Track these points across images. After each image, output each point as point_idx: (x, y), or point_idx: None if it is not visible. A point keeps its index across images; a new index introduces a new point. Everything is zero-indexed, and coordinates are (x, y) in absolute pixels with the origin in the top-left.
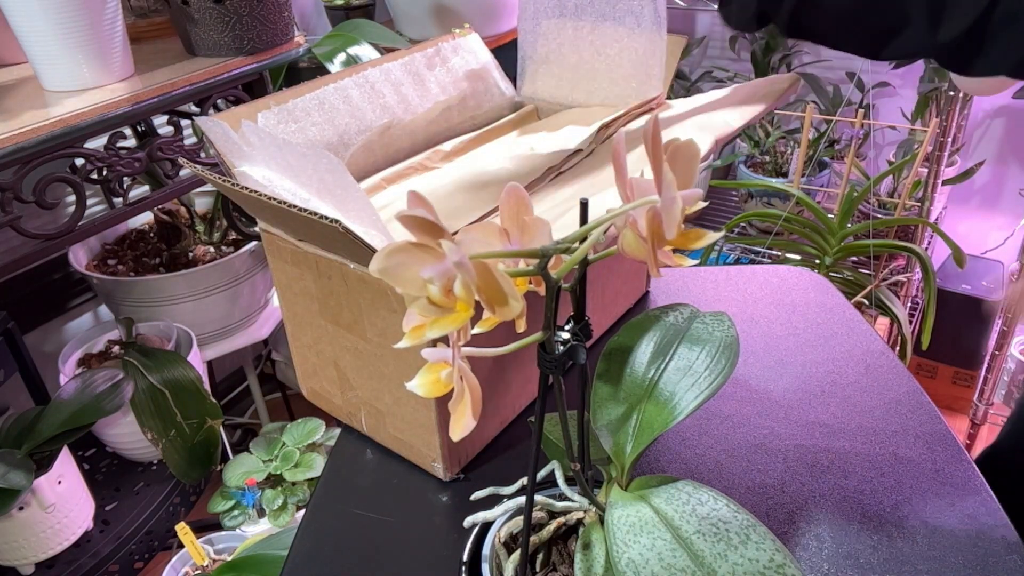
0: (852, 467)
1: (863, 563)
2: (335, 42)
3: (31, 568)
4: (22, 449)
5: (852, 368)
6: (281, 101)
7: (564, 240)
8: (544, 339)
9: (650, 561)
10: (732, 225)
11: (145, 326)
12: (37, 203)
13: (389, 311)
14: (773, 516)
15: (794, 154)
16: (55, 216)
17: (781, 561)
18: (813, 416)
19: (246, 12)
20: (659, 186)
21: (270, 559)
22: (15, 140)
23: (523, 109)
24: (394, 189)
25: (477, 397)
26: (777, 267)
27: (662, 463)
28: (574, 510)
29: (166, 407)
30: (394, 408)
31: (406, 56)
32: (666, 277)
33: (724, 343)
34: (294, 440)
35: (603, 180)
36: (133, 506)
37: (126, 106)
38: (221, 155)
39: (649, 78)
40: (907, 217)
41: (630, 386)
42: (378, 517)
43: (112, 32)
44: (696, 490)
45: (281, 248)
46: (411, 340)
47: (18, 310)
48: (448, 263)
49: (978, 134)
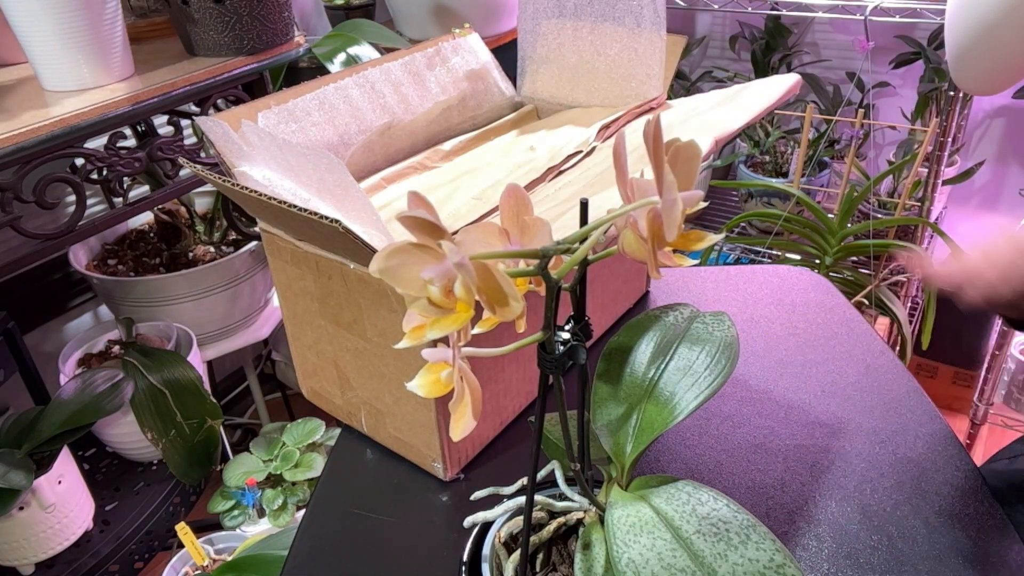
0: (852, 467)
1: (863, 563)
2: (335, 42)
3: (31, 568)
4: (22, 449)
5: (852, 368)
6: (281, 101)
7: (564, 240)
8: (544, 339)
9: (650, 561)
10: (732, 225)
11: (145, 326)
12: (37, 203)
13: (389, 311)
14: (773, 516)
15: (794, 154)
16: (55, 216)
17: (781, 561)
18: (813, 416)
19: (246, 12)
20: (660, 187)
21: (270, 559)
22: (15, 140)
23: (523, 109)
24: (394, 189)
25: (477, 397)
26: (777, 267)
27: (662, 463)
28: (574, 510)
29: (166, 407)
30: (394, 408)
31: (406, 56)
32: (666, 277)
33: (724, 343)
34: (294, 440)
35: (603, 180)
36: (133, 506)
37: (126, 106)
38: (221, 155)
39: (649, 78)
40: (907, 217)
41: (630, 386)
42: (378, 517)
43: (112, 32)
44: (696, 490)
45: (281, 248)
46: (411, 340)
47: (18, 310)
48: (448, 263)
49: (978, 134)
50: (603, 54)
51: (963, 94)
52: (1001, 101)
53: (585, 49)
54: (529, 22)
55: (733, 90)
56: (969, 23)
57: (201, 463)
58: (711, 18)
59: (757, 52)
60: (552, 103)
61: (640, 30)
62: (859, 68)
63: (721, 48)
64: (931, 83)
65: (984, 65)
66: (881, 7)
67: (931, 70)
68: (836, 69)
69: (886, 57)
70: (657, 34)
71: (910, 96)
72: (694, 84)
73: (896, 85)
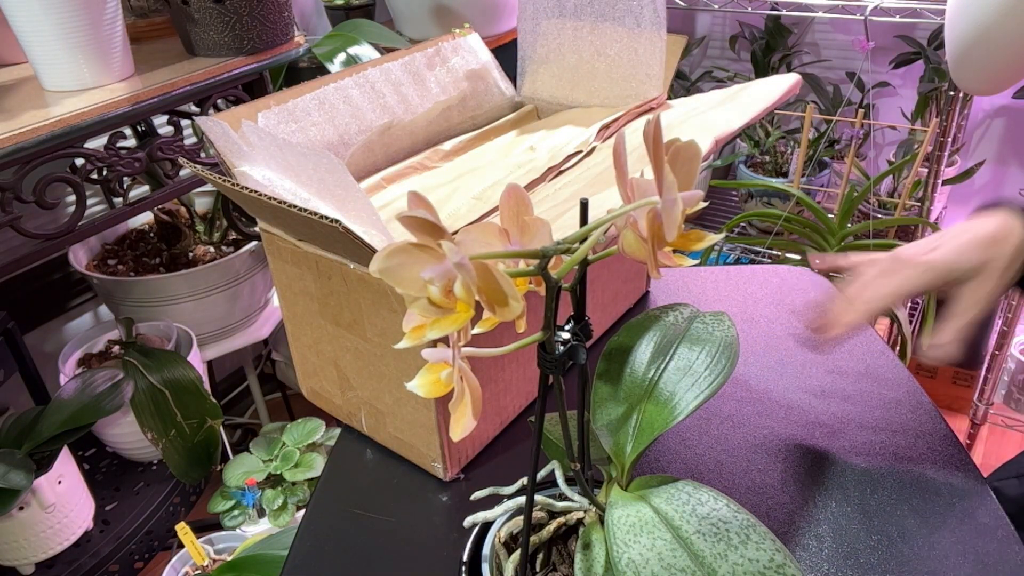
0: (852, 467)
1: (863, 563)
2: (335, 42)
3: (31, 568)
4: (22, 449)
5: (852, 368)
6: (281, 101)
7: (564, 240)
8: (544, 339)
9: (650, 561)
10: (732, 225)
11: (145, 326)
12: (37, 203)
13: (389, 311)
14: (773, 516)
15: (794, 154)
16: (55, 216)
17: (781, 561)
18: (813, 416)
19: (246, 12)
20: (660, 187)
21: (270, 559)
22: (15, 140)
23: (523, 109)
24: (394, 189)
25: (477, 397)
26: (777, 267)
27: (662, 463)
28: (574, 510)
29: (166, 407)
30: (394, 408)
31: (406, 56)
32: (666, 277)
33: (724, 343)
34: (294, 440)
35: (603, 180)
36: (133, 506)
37: (126, 106)
38: (221, 155)
39: (649, 78)
40: (907, 217)
41: (630, 386)
42: (378, 517)
43: (112, 32)
44: (696, 490)
45: (281, 248)
46: (411, 340)
47: (18, 310)
48: (448, 264)
49: (978, 134)
50: (603, 54)
51: (963, 94)
52: (1001, 101)
53: (585, 49)
54: (529, 22)
55: (733, 90)
56: (969, 23)
57: (201, 463)
58: (711, 18)
59: (757, 52)
60: (552, 103)
61: (640, 30)
62: (859, 68)
63: (721, 48)
64: (931, 83)
65: (984, 65)
66: (881, 7)
67: (931, 70)
68: (836, 69)
69: (886, 57)
70: (657, 34)
71: (910, 96)
72: (694, 84)
73: (896, 85)
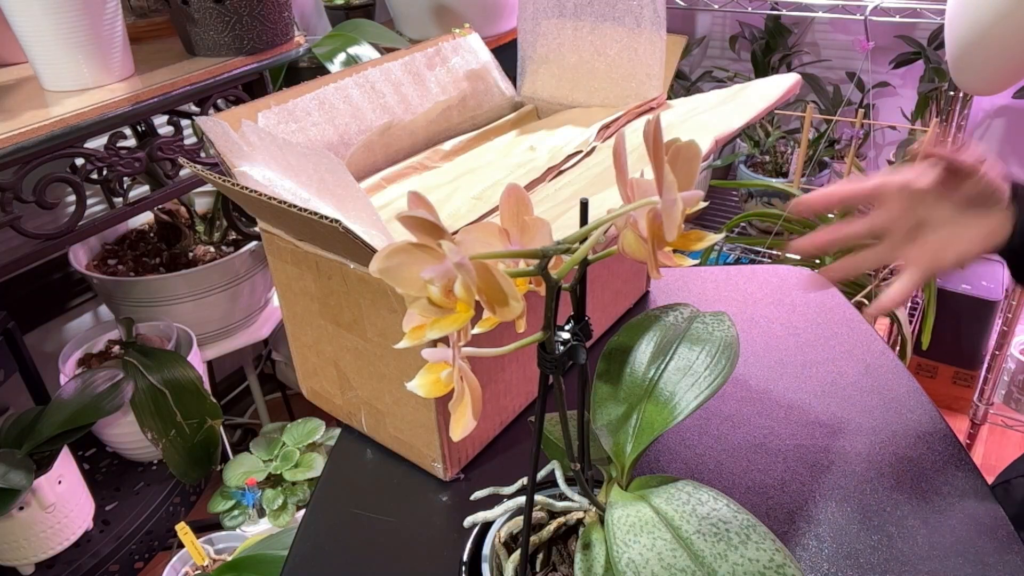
0: (852, 467)
1: (863, 563)
2: (335, 42)
3: (31, 568)
4: (22, 449)
5: (852, 368)
6: (281, 101)
7: (564, 240)
8: (544, 339)
9: (650, 561)
10: (732, 225)
11: (145, 326)
12: (37, 203)
13: (389, 311)
14: (773, 516)
15: (794, 154)
16: (55, 216)
17: (781, 561)
18: (813, 416)
19: (246, 12)
20: (660, 187)
21: (270, 559)
22: (15, 140)
23: (523, 109)
24: (394, 189)
25: (477, 397)
26: (777, 267)
27: (662, 463)
28: (574, 510)
29: (166, 407)
30: (394, 408)
31: (406, 56)
32: (666, 277)
33: (724, 343)
34: (294, 440)
35: (603, 180)
36: (133, 506)
37: (126, 106)
38: (221, 155)
39: (649, 78)
40: None
41: (630, 386)
42: (378, 517)
43: (112, 32)
44: (696, 490)
45: (281, 248)
46: (411, 340)
47: (18, 310)
48: (448, 264)
49: (978, 134)
50: (603, 54)
51: (963, 94)
52: (1001, 101)
53: (585, 49)
54: (529, 22)
55: (733, 90)
56: (969, 23)
57: (201, 463)
58: (711, 18)
59: (757, 52)
60: (552, 103)
61: (640, 30)
62: (859, 68)
63: (721, 48)
64: (931, 83)
65: (984, 65)
66: (881, 7)
67: (931, 70)
68: (836, 69)
69: (886, 57)
70: (657, 34)
71: (910, 96)
72: (694, 84)
73: (896, 85)
